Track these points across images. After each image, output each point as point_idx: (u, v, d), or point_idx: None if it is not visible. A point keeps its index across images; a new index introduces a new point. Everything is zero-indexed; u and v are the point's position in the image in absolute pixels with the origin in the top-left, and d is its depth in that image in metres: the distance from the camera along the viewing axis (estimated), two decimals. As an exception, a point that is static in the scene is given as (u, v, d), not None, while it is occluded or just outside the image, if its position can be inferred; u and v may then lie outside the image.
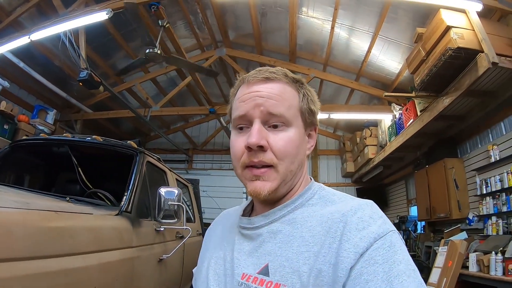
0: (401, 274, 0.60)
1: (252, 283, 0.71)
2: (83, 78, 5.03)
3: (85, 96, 7.55)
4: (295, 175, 0.80)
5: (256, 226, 0.80)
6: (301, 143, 0.81)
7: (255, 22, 6.90)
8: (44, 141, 3.30)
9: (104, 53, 7.18)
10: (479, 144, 5.33)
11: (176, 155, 10.40)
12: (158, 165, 3.60)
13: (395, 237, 0.65)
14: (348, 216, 0.69)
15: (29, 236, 1.48)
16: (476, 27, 3.97)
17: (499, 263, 3.73)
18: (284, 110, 0.77)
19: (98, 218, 2.17)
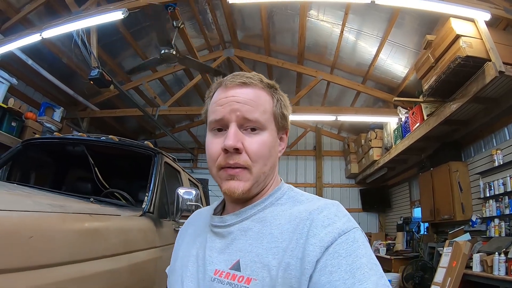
0: (363, 266, 0.64)
1: (224, 278, 0.74)
2: (94, 76, 5.07)
3: (91, 94, 7.60)
4: (267, 177, 0.84)
5: (228, 224, 0.83)
6: (273, 146, 0.84)
7: (265, 23, 6.99)
8: (62, 140, 3.28)
9: (112, 51, 7.23)
10: (483, 149, 5.44)
11: (181, 154, 10.43)
12: (173, 165, 3.64)
13: (358, 234, 0.69)
14: (315, 214, 0.73)
15: (69, 240, 1.51)
16: (484, 36, 4.08)
17: (502, 263, 3.86)
18: (259, 115, 0.81)
19: (126, 219, 2.21)
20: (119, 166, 3.68)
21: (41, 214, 1.43)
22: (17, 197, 1.58)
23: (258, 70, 8.79)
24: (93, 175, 3.02)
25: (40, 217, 1.41)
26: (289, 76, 8.92)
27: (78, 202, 2.01)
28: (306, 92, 7.98)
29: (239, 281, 0.72)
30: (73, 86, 7.19)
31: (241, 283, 0.71)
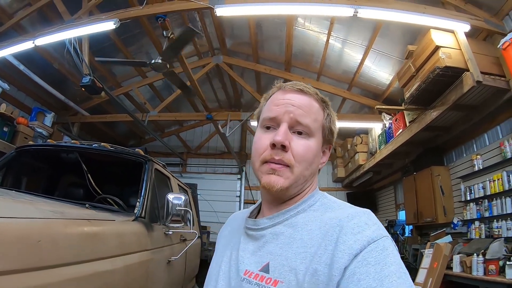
0: (392, 275, 0.63)
1: (253, 279, 0.77)
2: (86, 84, 5.12)
3: (82, 99, 7.62)
4: (306, 181, 0.87)
5: (261, 227, 0.86)
6: (317, 154, 0.88)
7: (253, 32, 7.14)
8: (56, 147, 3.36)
9: (103, 57, 7.18)
10: (464, 154, 5.63)
11: (170, 158, 10.48)
12: (163, 171, 3.74)
13: (388, 242, 0.69)
14: (345, 222, 0.73)
15: (71, 243, 1.63)
16: (463, 47, 4.26)
17: (481, 264, 4.02)
18: (310, 122, 0.86)
19: (120, 224, 2.31)
20: (110, 172, 3.77)
21: (46, 220, 1.57)
22: (22, 204, 1.69)
23: (246, 77, 8.95)
24: (86, 181, 3.10)
25: (45, 223, 1.54)
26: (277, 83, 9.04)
27: (75, 208, 2.12)
28: (293, 99, 8.08)
29: (267, 282, 0.74)
30: (64, 91, 7.20)
31: (268, 284, 0.74)
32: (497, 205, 4.46)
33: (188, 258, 4.09)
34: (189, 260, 4.28)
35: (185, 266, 4.02)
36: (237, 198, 10.59)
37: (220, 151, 11.27)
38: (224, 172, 11.06)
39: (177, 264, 3.44)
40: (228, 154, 11.00)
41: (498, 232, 4.34)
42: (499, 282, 3.65)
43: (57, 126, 7.66)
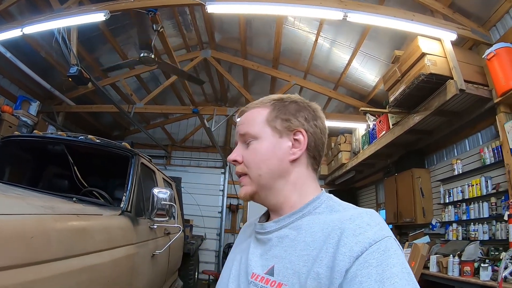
0: (393, 276, 0.62)
1: (259, 282, 0.79)
2: (73, 74, 5.05)
3: (68, 88, 7.47)
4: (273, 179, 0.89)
5: (267, 231, 0.88)
6: (270, 150, 0.90)
7: (243, 28, 7.14)
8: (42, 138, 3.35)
9: (90, 47, 7.15)
10: (444, 158, 5.78)
11: (155, 150, 10.42)
12: (149, 165, 3.77)
13: (390, 243, 0.69)
14: (346, 224, 0.73)
15: (62, 239, 1.67)
16: (449, 55, 4.36)
17: (456, 265, 4.19)
18: (249, 129, 0.92)
19: (107, 218, 2.36)
20: (95, 164, 3.78)
21: (38, 216, 1.61)
22: (14, 200, 1.75)
23: (234, 72, 8.96)
24: (71, 172, 3.13)
25: (37, 219, 1.58)
26: (264, 79, 9.11)
27: (64, 202, 2.16)
28: (280, 96, 8.15)
29: (271, 285, 0.76)
30: (50, 81, 7.04)
31: (272, 287, 0.75)
32: (475, 209, 4.62)
33: (172, 251, 4.15)
34: (172, 254, 4.32)
35: (168, 259, 4.07)
36: (221, 192, 10.62)
37: (204, 144, 11.26)
38: (208, 166, 11.05)
39: (160, 258, 3.49)
40: (212, 148, 10.98)
41: (475, 235, 4.51)
42: (473, 283, 3.81)
43: (42, 115, 7.50)
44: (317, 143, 0.93)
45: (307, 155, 0.92)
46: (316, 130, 0.93)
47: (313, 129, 0.92)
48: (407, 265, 0.67)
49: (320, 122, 0.95)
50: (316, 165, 0.95)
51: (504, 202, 4.11)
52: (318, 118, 0.95)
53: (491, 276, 3.66)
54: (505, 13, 4.28)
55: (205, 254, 9.83)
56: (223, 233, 10.32)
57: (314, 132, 0.93)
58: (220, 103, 11.24)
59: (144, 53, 5.16)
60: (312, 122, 0.93)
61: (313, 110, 0.95)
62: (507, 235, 3.95)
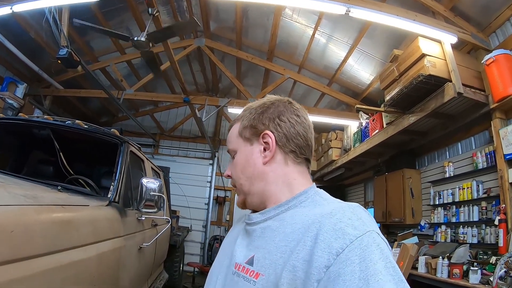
0: (378, 273, 0.60)
1: (241, 271, 0.80)
2: (63, 56, 4.88)
3: (56, 71, 7.24)
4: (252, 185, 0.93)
5: (253, 222, 0.90)
6: (248, 158, 0.94)
7: (239, 17, 7.02)
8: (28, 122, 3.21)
9: (82, 29, 6.81)
10: (436, 160, 5.82)
11: (143, 139, 10.28)
12: (138, 154, 3.67)
13: (372, 237, 0.66)
14: (326, 218, 0.71)
15: (45, 232, 1.54)
16: (448, 58, 4.36)
17: (445, 267, 4.21)
18: (229, 145, 1.01)
19: (94, 209, 2.22)
20: (81, 151, 3.66)
21: (19, 208, 1.46)
22: None
23: (227, 62, 8.84)
24: (56, 158, 3.02)
25: (19, 211, 1.44)
26: (257, 71, 9.03)
27: (48, 191, 2.02)
28: (273, 89, 8.14)
29: (250, 275, 0.77)
30: (39, 62, 6.82)
31: (251, 277, 0.76)
32: (464, 212, 4.66)
33: (158, 244, 4.06)
34: (159, 246, 4.26)
35: (155, 252, 3.99)
36: (208, 184, 10.58)
37: (193, 134, 11.17)
38: (196, 156, 10.97)
39: (147, 251, 3.40)
40: (201, 138, 10.92)
41: (463, 238, 4.55)
42: (463, 285, 3.84)
43: (29, 98, 7.27)
44: (290, 136, 0.92)
45: (282, 152, 0.92)
46: (285, 125, 0.92)
47: (279, 126, 0.92)
48: (391, 260, 0.65)
49: (288, 115, 0.94)
50: (298, 158, 0.93)
51: (495, 206, 4.15)
52: (285, 113, 0.94)
53: (480, 279, 3.70)
54: (506, 20, 4.30)
55: (190, 246, 9.79)
56: (209, 225, 10.30)
57: (282, 128, 0.92)
58: (211, 93, 11.11)
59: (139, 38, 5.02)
60: (277, 119, 0.93)
61: (277, 107, 0.95)
62: (496, 239, 4.00)
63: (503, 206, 3.89)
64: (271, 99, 0.98)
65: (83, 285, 1.87)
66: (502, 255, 3.48)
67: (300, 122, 0.94)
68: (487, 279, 3.60)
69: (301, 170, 0.94)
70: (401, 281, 0.62)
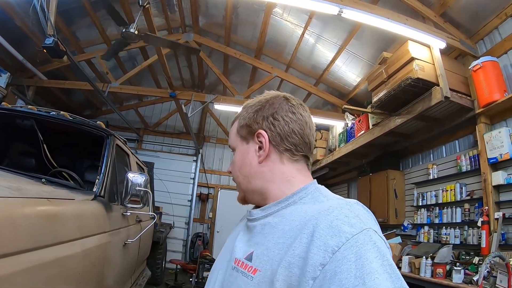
0: (374, 271, 0.60)
1: (239, 267, 0.81)
2: (49, 45, 4.75)
3: (41, 61, 7.04)
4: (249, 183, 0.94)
5: (254, 218, 0.90)
6: (244, 156, 0.95)
7: (229, 13, 6.96)
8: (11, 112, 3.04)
9: (69, 19, 6.73)
10: (420, 162, 5.93)
11: (126, 133, 10.08)
12: (123, 148, 3.60)
13: (369, 235, 0.66)
14: (323, 215, 0.71)
15: (30, 227, 1.47)
16: (437, 62, 4.46)
17: (429, 266, 4.31)
18: (229, 142, 1.03)
19: (79, 204, 2.14)
20: (65, 143, 3.57)
21: (3, 200, 1.37)
22: None
23: (214, 58, 8.77)
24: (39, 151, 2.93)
25: (3, 204, 1.35)
26: (245, 69, 9.02)
27: (32, 183, 1.94)
28: (259, 87, 8.15)
29: (248, 270, 0.77)
30: (23, 51, 6.59)
31: (249, 272, 0.76)
32: (447, 214, 4.78)
33: (142, 240, 4.01)
34: (143, 243, 4.20)
35: (139, 248, 3.94)
36: (191, 181, 10.51)
37: (178, 130, 11.06)
38: (180, 152, 10.85)
39: (132, 247, 3.35)
40: (185, 134, 10.82)
41: (446, 239, 4.67)
42: (446, 285, 3.94)
43: (12, 88, 7.03)
44: (284, 135, 0.91)
45: (277, 151, 0.91)
46: (278, 124, 0.91)
47: (273, 125, 0.91)
48: (388, 258, 0.64)
49: (283, 113, 0.92)
50: (295, 155, 0.91)
51: (478, 208, 4.27)
52: (280, 111, 0.92)
53: (463, 279, 3.80)
54: (494, 28, 4.42)
55: (172, 243, 9.70)
56: (192, 222, 10.23)
57: (276, 127, 0.91)
58: (197, 89, 11.00)
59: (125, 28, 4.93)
60: (270, 118, 0.92)
61: (271, 104, 0.94)
62: (478, 240, 4.11)
63: (486, 208, 4.00)
64: (268, 96, 0.97)
65: (69, 283, 1.80)
66: (485, 256, 3.57)
67: (296, 120, 0.92)
68: (470, 279, 3.71)
69: (299, 168, 0.92)
70: (398, 279, 0.62)
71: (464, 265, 4.04)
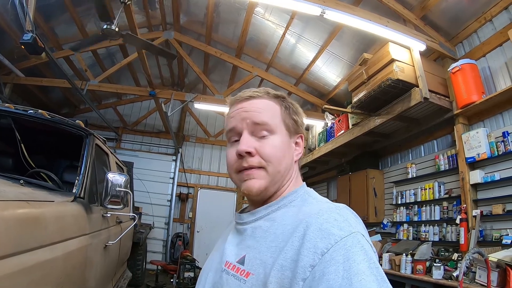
0: (361, 273, 0.61)
1: (231, 270, 0.81)
2: (27, 41, 4.60)
3: (18, 57, 6.78)
4: (282, 177, 0.89)
5: (244, 221, 0.90)
6: (286, 148, 0.91)
7: (210, 12, 6.89)
8: None
9: (47, 14, 6.46)
10: (399, 161, 6.07)
11: (105, 132, 9.85)
12: (103, 147, 3.53)
13: (357, 238, 0.67)
14: (313, 218, 0.72)
15: (11, 231, 1.40)
16: (416, 64, 4.57)
17: (409, 263, 4.42)
18: (267, 119, 0.88)
19: (59, 205, 2.07)
20: (41, 142, 3.48)
21: None
22: None
23: (195, 57, 8.69)
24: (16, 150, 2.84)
25: None
26: (225, 67, 8.97)
27: (10, 185, 1.86)
28: (240, 86, 8.14)
29: (241, 274, 0.78)
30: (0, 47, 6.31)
31: (241, 276, 0.77)
32: (426, 212, 4.91)
33: (122, 241, 3.91)
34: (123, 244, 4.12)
35: (119, 250, 3.87)
36: (171, 180, 10.38)
37: (157, 129, 10.91)
38: (159, 152, 10.70)
39: (112, 249, 3.28)
40: (165, 133, 10.69)
41: (425, 236, 4.80)
42: (426, 281, 4.06)
43: (-13, 86, 6.75)
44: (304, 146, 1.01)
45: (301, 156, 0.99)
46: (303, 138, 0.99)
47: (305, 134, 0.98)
48: (375, 261, 0.66)
49: None
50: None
51: (456, 206, 4.40)
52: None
53: (443, 275, 3.91)
54: (473, 32, 4.57)
55: (153, 244, 9.58)
56: (172, 222, 10.11)
57: (303, 138, 0.99)
58: (177, 87, 10.90)
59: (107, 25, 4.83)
60: (304, 127, 1.00)
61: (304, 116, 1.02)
62: (457, 237, 4.25)
63: (464, 206, 4.13)
64: None
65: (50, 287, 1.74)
66: (464, 252, 3.68)
67: None
68: (450, 275, 3.82)
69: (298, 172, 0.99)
70: (384, 281, 0.64)
71: (443, 262, 4.16)
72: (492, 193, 4.00)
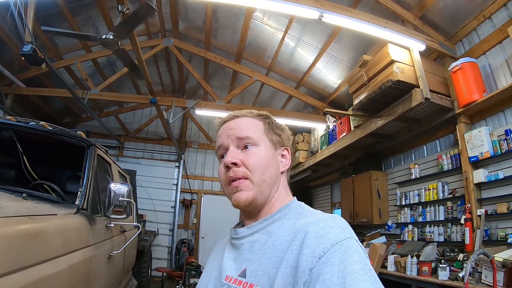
0: (354, 272, 0.65)
1: (233, 283, 0.83)
2: (27, 52, 4.63)
3: (19, 68, 6.80)
4: (269, 186, 0.94)
5: (240, 236, 0.94)
6: (270, 158, 0.96)
7: (209, 18, 6.93)
8: None
9: (47, 25, 6.42)
10: (402, 162, 6.05)
11: (107, 140, 9.89)
12: (105, 157, 3.52)
13: (351, 243, 0.72)
14: (310, 226, 0.78)
15: (13, 248, 1.39)
16: (416, 64, 4.55)
17: (414, 265, 4.39)
18: (250, 133, 0.96)
19: (62, 218, 2.07)
20: (43, 154, 3.48)
21: None
22: None
23: (194, 63, 8.72)
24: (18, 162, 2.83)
25: None
26: (225, 73, 8.97)
27: (13, 200, 1.86)
28: (240, 91, 8.17)
29: (244, 286, 0.81)
30: (0, 59, 6.36)
31: None
32: (431, 212, 4.89)
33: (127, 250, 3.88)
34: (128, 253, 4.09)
35: (124, 259, 3.85)
36: (174, 187, 10.39)
37: (159, 136, 10.94)
38: (162, 158, 10.72)
39: (117, 258, 3.26)
40: (167, 140, 10.72)
41: (430, 237, 4.77)
42: (432, 282, 4.03)
43: (-12, 97, 6.78)
44: (292, 159, 1.06)
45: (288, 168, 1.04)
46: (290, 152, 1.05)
47: (291, 148, 1.06)
48: (368, 263, 0.71)
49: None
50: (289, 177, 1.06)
51: (461, 206, 4.38)
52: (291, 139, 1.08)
53: (449, 276, 3.88)
54: (472, 30, 4.56)
55: (157, 250, 9.55)
56: (176, 228, 10.13)
57: (290, 152, 1.05)
58: (178, 94, 10.94)
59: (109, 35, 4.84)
60: (291, 142, 1.07)
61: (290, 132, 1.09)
62: (462, 237, 4.22)
63: (468, 206, 4.10)
64: None
65: (54, 302, 1.73)
66: (470, 252, 3.66)
67: None
68: (456, 275, 3.79)
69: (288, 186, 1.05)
70: (377, 281, 0.68)
71: (449, 262, 4.13)
72: (496, 192, 3.97)
